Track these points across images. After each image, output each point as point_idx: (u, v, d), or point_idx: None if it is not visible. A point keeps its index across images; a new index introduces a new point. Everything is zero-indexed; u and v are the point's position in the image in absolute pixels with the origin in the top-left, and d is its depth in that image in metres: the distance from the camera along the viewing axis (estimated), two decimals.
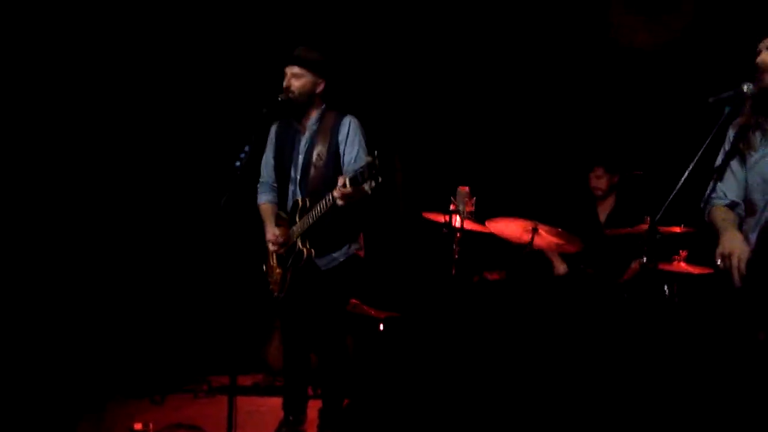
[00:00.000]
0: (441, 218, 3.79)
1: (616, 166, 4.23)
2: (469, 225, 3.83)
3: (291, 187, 3.06)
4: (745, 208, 2.28)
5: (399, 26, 4.80)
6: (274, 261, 3.09)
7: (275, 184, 3.17)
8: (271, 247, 3.05)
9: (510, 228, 3.81)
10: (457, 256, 3.97)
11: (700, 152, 2.24)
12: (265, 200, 3.21)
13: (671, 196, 2.27)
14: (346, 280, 3.02)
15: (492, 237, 3.95)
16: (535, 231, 3.69)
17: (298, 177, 3.02)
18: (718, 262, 2.09)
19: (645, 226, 3.51)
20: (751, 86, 2.19)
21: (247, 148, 2.62)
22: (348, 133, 2.96)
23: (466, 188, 3.78)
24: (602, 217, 4.30)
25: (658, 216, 2.30)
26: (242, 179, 2.57)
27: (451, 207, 3.74)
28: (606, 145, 4.43)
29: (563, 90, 4.72)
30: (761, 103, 2.18)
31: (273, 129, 3.17)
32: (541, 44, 4.73)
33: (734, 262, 2.02)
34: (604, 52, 4.61)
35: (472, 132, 4.86)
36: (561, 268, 4.28)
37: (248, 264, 3.27)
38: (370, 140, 3.12)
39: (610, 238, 3.88)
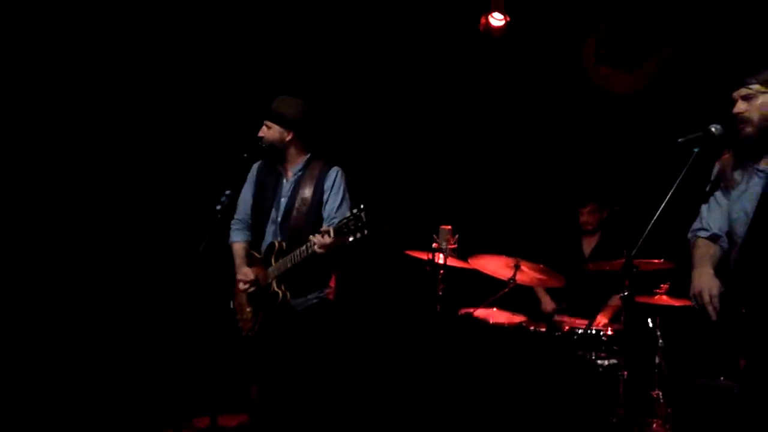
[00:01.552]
0: (424, 256, 3.83)
1: (607, 202, 4.31)
2: (452, 262, 3.88)
3: (270, 228, 3.09)
4: (729, 241, 2.34)
5: (382, 68, 4.91)
6: (245, 300, 3.10)
7: (251, 222, 3.22)
8: (242, 287, 3.06)
9: (492, 264, 3.85)
10: (441, 293, 4.02)
11: (672, 190, 2.32)
12: (239, 239, 3.21)
13: (646, 232, 2.35)
14: (318, 321, 3.04)
15: (476, 273, 3.98)
16: (517, 267, 3.72)
17: (280, 219, 3.07)
18: (693, 301, 2.15)
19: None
20: (719, 128, 2.29)
21: (228, 192, 2.65)
22: (334, 183, 3.07)
23: (449, 226, 3.84)
24: (587, 251, 4.35)
25: (634, 251, 2.36)
26: (224, 222, 2.59)
27: (434, 245, 3.80)
28: (595, 181, 4.50)
29: (544, 129, 4.82)
30: (742, 147, 2.27)
31: (254, 168, 3.24)
32: (524, 85, 4.85)
33: (706, 298, 2.08)
34: (587, 96, 4.74)
35: (454, 171, 4.93)
36: (549, 305, 4.31)
37: (227, 303, 3.27)
38: (358, 181, 3.19)
39: (592, 273, 3.92)
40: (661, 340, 3.15)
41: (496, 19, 4.74)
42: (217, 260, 2.58)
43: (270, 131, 3.05)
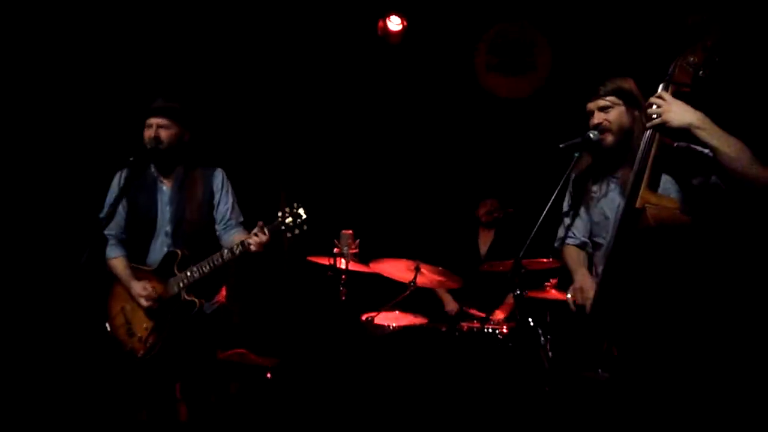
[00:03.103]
0: (326, 261, 3.81)
1: (504, 203, 4.48)
2: (353, 266, 3.88)
3: (159, 239, 2.93)
4: (592, 245, 2.50)
5: (280, 70, 4.84)
6: (141, 316, 2.90)
7: (124, 236, 3.01)
8: (145, 303, 2.86)
9: (393, 268, 3.89)
10: (344, 298, 4.01)
11: (555, 193, 2.44)
12: (117, 254, 2.98)
13: (532, 234, 2.46)
14: (216, 326, 3.00)
15: (378, 277, 4.02)
16: (417, 270, 3.78)
17: (170, 229, 2.91)
18: (569, 296, 2.36)
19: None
20: (596, 133, 2.41)
21: (112, 198, 2.50)
22: (222, 184, 2.98)
23: (350, 231, 3.84)
24: (483, 250, 4.51)
25: (522, 252, 2.47)
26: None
27: (335, 250, 3.79)
28: (482, 183, 4.66)
29: (441, 132, 4.94)
30: (601, 156, 2.40)
31: (118, 177, 2.98)
32: (422, 88, 4.95)
33: (586, 295, 2.22)
34: (481, 100, 4.89)
35: (354, 176, 4.95)
36: (451, 306, 4.42)
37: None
38: (252, 186, 3.11)
39: (488, 273, 4.06)
40: (542, 338, 3.30)
41: (394, 24, 4.82)
42: (97, 274, 2.41)
43: (167, 131, 2.84)
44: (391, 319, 3.93)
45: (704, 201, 2.21)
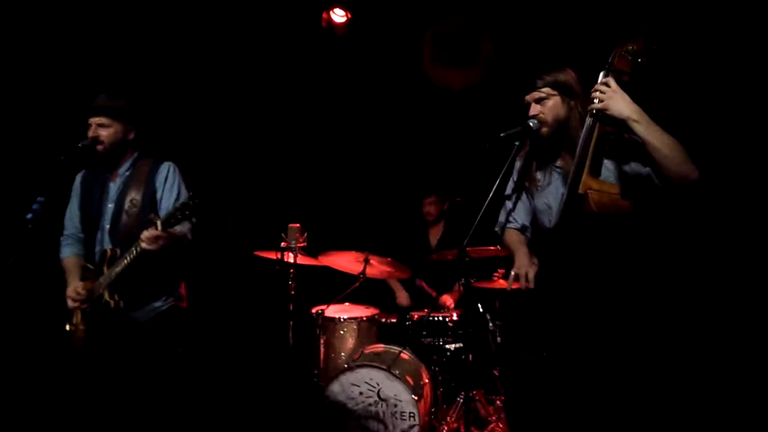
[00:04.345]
0: (273, 256, 3.77)
1: (447, 193, 4.49)
2: (302, 260, 3.85)
3: (98, 237, 2.85)
4: (532, 230, 2.55)
5: (224, 63, 4.74)
6: (78, 318, 2.83)
7: (81, 235, 2.94)
8: (71, 304, 2.79)
9: (343, 260, 3.88)
10: (293, 292, 3.98)
11: (497, 182, 2.47)
12: (69, 254, 2.95)
13: (475, 222, 2.49)
14: (166, 331, 2.85)
15: (327, 270, 3.99)
16: (366, 261, 3.78)
17: (108, 226, 2.83)
18: (512, 273, 2.40)
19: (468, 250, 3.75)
20: (536, 122, 2.45)
21: (41, 199, 2.40)
22: (166, 179, 2.86)
23: (297, 224, 3.81)
24: (433, 242, 4.54)
25: (466, 240, 2.50)
26: (36, 233, 2.33)
27: (283, 244, 3.75)
28: (437, 174, 4.68)
29: (388, 125, 4.94)
30: (540, 146, 2.45)
31: (78, 178, 2.96)
32: (367, 82, 4.93)
33: (529, 276, 2.27)
34: (428, 91, 4.91)
35: (299, 169, 4.90)
36: (404, 298, 4.44)
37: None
38: (198, 181, 3.00)
39: (437, 263, 4.09)
40: (491, 324, 3.37)
41: (338, 15, 4.79)
42: (34, 277, 2.31)
43: (108, 130, 2.77)
44: (341, 311, 3.92)
45: (638, 190, 2.27)
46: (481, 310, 3.48)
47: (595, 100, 2.19)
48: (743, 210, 3.64)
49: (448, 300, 4.18)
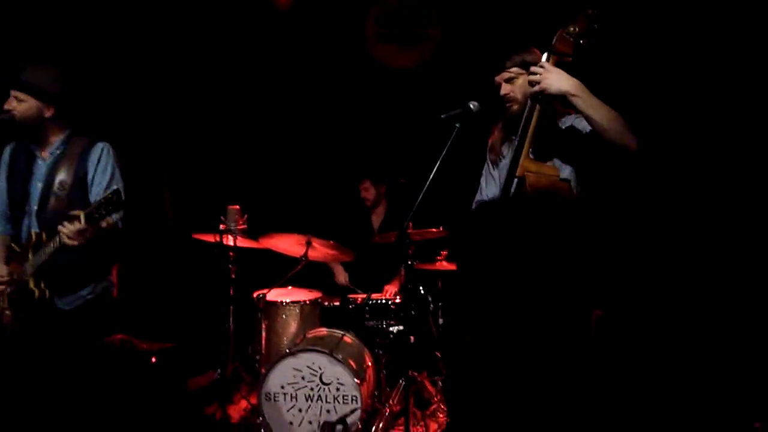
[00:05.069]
0: (212, 238, 3.67)
1: (382, 177, 4.44)
2: (242, 243, 3.76)
3: (25, 218, 2.71)
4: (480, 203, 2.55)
5: (161, 38, 4.53)
6: (5, 302, 2.69)
7: (10, 212, 2.78)
8: None
9: (284, 243, 3.81)
10: (233, 276, 3.89)
11: (437, 163, 2.45)
12: None
13: (416, 204, 2.47)
14: (93, 319, 2.72)
15: (269, 253, 3.92)
16: (309, 244, 3.72)
17: (35, 208, 2.69)
18: None
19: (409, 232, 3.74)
20: (476, 104, 2.45)
21: None
22: (99, 160, 2.71)
23: (237, 206, 3.71)
24: (376, 224, 4.51)
25: (406, 222, 2.48)
26: None
27: (222, 226, 3.65)
28: (372, 157, 4.63)
29: (330, 106, 4.84)
30: (509, 123, 2.46)
31: (7, 150, 2.82)
32: (307, 62, 4.81)
33: None
34: (368, 72, 4.84)
35: (238, 149, 4.77)
36: (341, 276, 4.40)
37: None
38: (133, 162, 2.86)
39: (380, 245, 4.06)
40: (432, 305, 3.38)
41: None
42: None
43: (22, 105, 2.63)
44: (283, 294, 3.85)
45: (585, 176, 2.30)
46: (422, 291, 3.49)
47: (534, 84, 2.19)
48: (684, 193, 3.75)
49: (390, 290, 4.15)
